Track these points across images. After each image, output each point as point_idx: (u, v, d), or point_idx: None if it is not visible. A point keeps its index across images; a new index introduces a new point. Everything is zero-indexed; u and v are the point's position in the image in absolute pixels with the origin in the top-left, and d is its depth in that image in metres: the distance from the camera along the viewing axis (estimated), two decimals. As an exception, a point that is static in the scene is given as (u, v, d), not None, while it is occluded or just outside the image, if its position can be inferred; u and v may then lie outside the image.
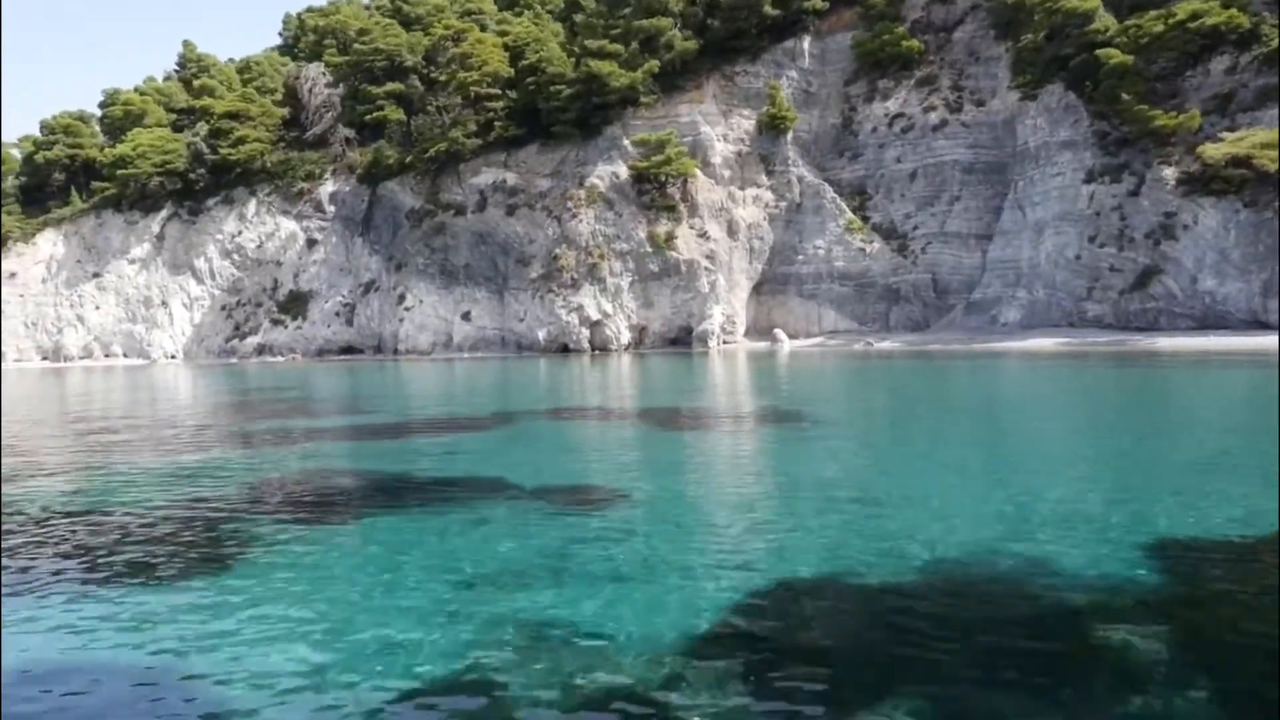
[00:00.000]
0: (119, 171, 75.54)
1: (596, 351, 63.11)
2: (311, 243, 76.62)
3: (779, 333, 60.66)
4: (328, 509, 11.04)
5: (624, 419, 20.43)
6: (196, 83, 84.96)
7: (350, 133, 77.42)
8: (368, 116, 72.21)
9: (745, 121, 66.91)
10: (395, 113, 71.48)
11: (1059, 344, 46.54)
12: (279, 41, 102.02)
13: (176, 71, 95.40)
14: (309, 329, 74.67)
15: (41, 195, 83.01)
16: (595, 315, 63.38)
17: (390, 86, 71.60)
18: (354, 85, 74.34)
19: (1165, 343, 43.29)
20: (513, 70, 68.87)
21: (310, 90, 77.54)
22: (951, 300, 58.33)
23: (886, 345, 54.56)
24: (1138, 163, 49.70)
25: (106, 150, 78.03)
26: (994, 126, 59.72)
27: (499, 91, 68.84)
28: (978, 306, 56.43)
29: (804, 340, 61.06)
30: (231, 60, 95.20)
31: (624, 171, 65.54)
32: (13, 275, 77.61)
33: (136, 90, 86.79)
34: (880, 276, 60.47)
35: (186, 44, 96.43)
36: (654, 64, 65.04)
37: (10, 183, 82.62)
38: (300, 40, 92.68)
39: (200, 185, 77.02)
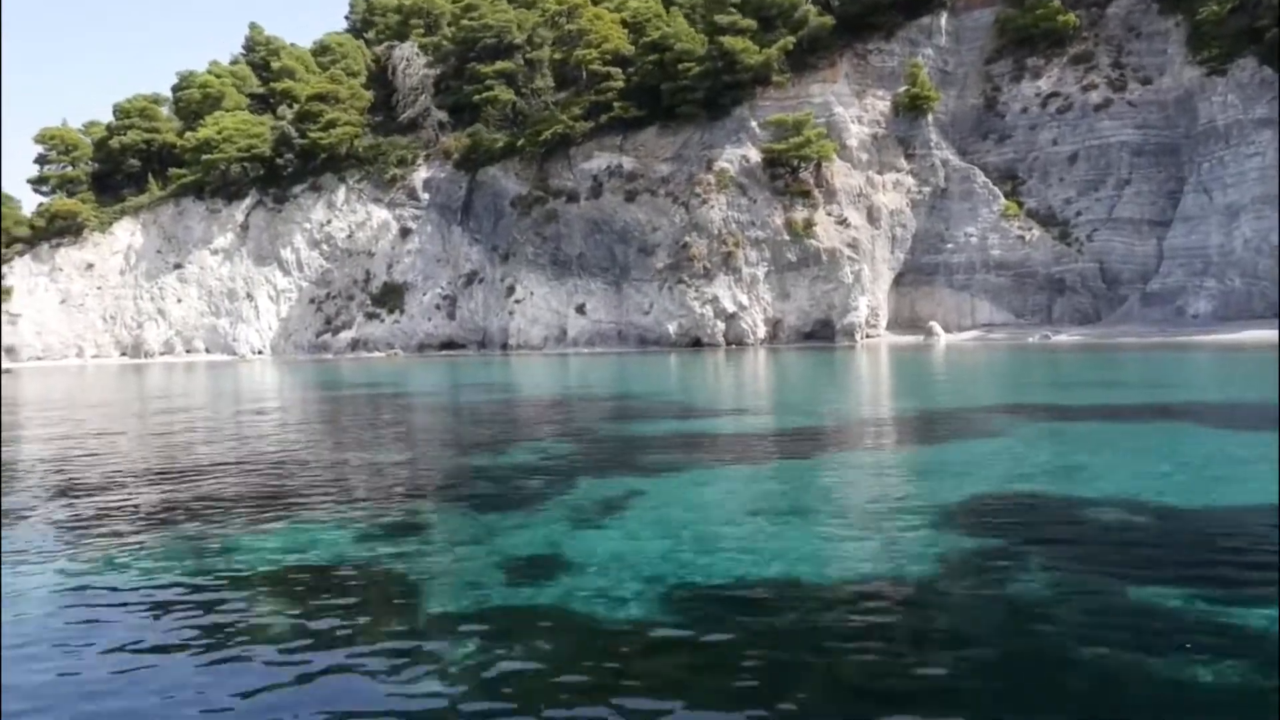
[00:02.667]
0: (204, 157, 71.50)
1: (732, 346, 59.27)
2: (405, 232, 72.75)
3: (934, 326, 56.84)
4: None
5: (1158, 419, 16.52)
6: (275, 64, 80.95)
7: (444, 115, 73.58)
8: (476, 97, 68.16)
9: (880, 102, 63.13)
10: (506, 93, 67.54)
11: (1285, 336, 42.69)
12: (345, 25, 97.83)
13: (243, 55, 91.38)
14: (407, 323, 70.75)
15: (113, 183, 79.03)
16: (731, 307, 59.54)
17: (500, 65, 67.59)
18: (455, 64, 70.37)
19: None
20: (632, 48, 64.97)
21: (404, 71, 73.56)
22: (1123, 291, 54.55)
23: (1064, 339, 50.78)
24: (1357, 141, 45.97)
25: (187, 135, 73.92)
26: (1164, 105, 55.97)
27: (619, 70, 64.87)
28: (1157, 297, 52.64)
29: (957, 334, 57.28)
30: (294, 45, 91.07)
31: (754, 155, 61.72)
32: (90, 266, 73.59)
33: (210, 72, 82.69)
34: (1041, 266, 56.66)
35: (253, 26, 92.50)
36: (789, 40, 61.21)
37: (82, 169, 78.63)
38: (375, 21, 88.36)
39: (289, 171, 73.03)
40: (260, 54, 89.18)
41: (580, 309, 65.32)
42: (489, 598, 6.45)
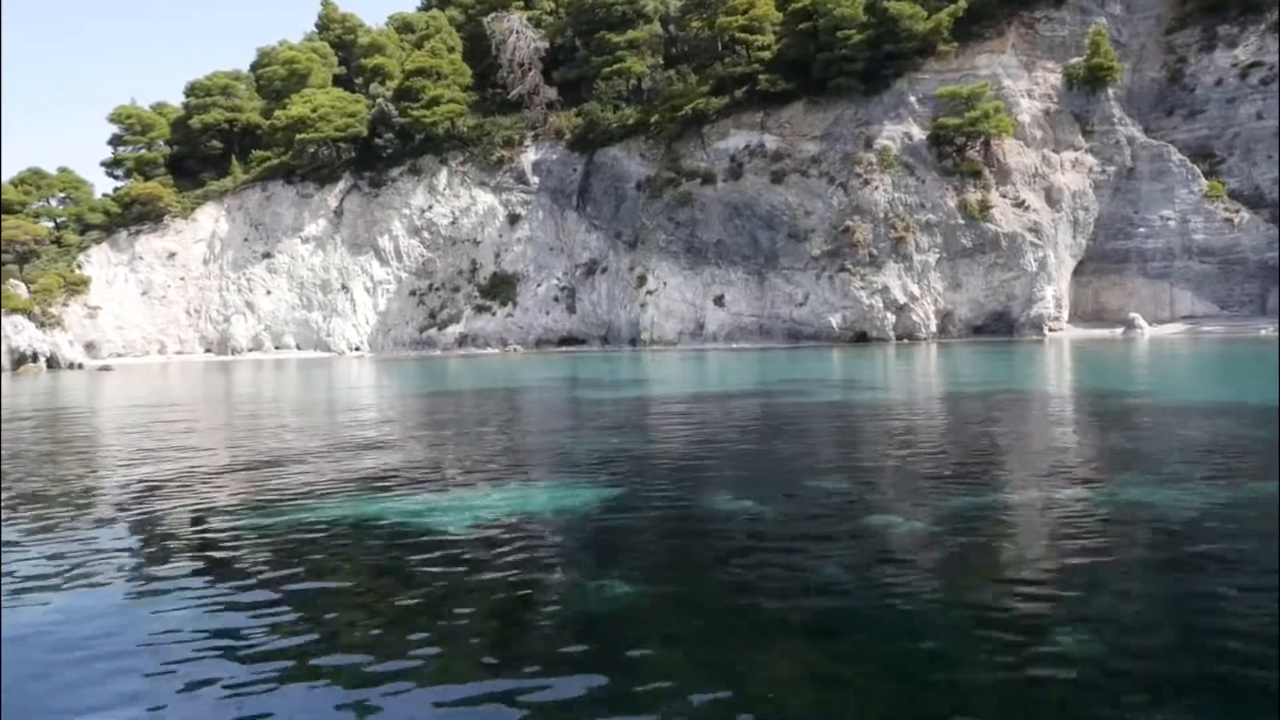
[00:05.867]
0: (297, 136, 65.85)
1: (903, 340, 53.84)
2: (514, 218, 67.23)
3: (1136, 318, 51.43)
4: None
5: None
6: (364, 40, 75.37)
7: (553, 92, 68.11)
8: (605, 69, 62.61)
9: (1050, 75, 57.83)
10: (639, 65, 62.01)
11: None
12: (418, 2, 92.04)
13: (318, 33, 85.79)
14: (522, 316, 65.18)
15: (190, 166, 73.41)
16: (901, 298, 54.16)
17: (632, 34, 62.05)
18: (573, 36, 64.87)
19: None
20: (779, 14, 59.59)
21: (513, 44, 67.97)
22: (1352, 279, 49.30)
23: (1302, 331, 45.39)
24: None
25: (277, 113, 68.22)
26: (1391, 74, 50.74)
27: (761, 39, 59.45)
28: (1398, 286, 47.40)
29: (1156, 326, 51.88)
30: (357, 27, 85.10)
31: (917, 131, 56.40)
32: (171, 255, 67.93)
33: (291, 48, 77.01)
34: (1252, 252, 51.36)
35: (326, 4, 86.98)
36: (960, 5, 55.85)
37: (159, 151, 73.03)
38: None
39: (389, 152, 67.42)
40: (336, 31, 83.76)
41: (718, 300, 59.86)
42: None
